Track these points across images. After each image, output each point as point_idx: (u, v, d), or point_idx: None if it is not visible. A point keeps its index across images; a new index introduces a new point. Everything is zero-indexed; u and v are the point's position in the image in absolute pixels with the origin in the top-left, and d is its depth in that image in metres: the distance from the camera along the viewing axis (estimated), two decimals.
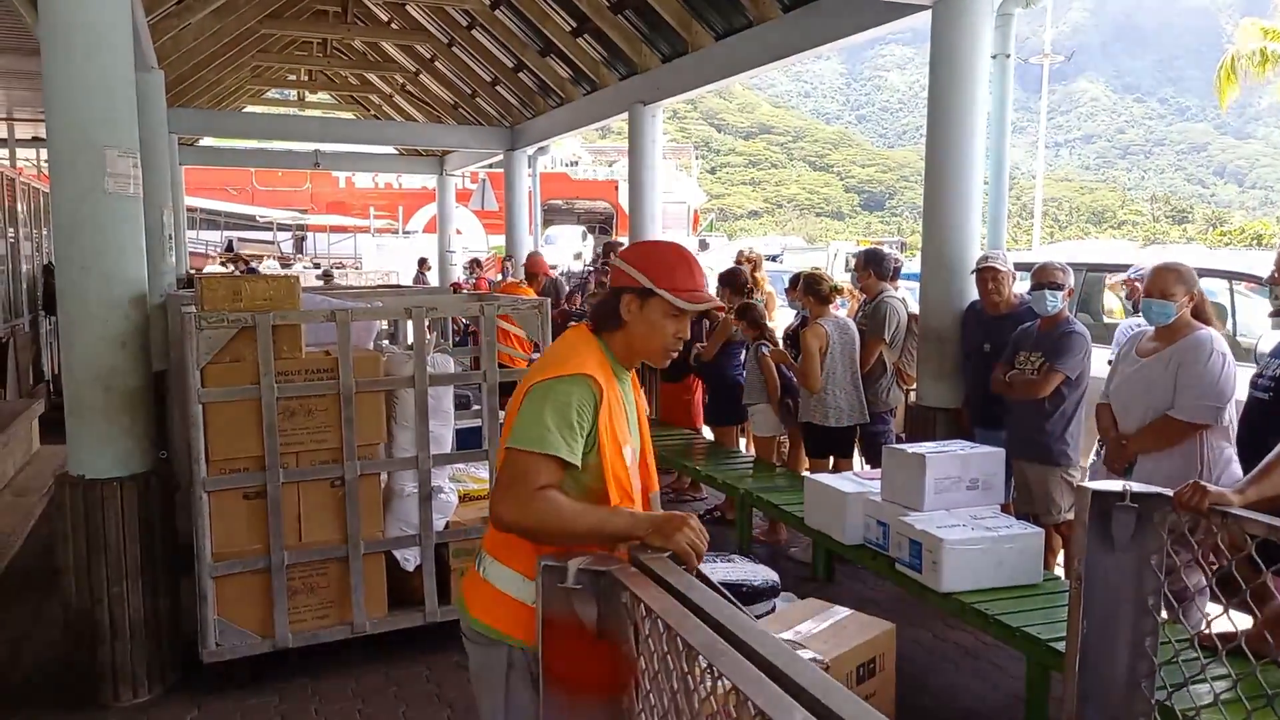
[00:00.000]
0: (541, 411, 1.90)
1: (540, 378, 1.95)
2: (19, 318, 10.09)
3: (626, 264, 2.05)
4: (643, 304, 2.01)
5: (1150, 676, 1.99)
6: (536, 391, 1.94)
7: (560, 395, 1.91)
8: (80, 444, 3.59)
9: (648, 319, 2.01)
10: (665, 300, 1.99)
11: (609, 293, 2.08)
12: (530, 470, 1.86)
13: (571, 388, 1.92)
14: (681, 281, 2.01)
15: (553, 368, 1.97)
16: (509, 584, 1.99)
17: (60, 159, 3.48)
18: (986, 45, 5.28)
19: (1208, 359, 3.44)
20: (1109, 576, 2.01)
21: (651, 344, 2.04)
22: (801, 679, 1.18)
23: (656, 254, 2.08)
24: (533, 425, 1.89)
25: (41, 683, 3.85)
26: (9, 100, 10.68)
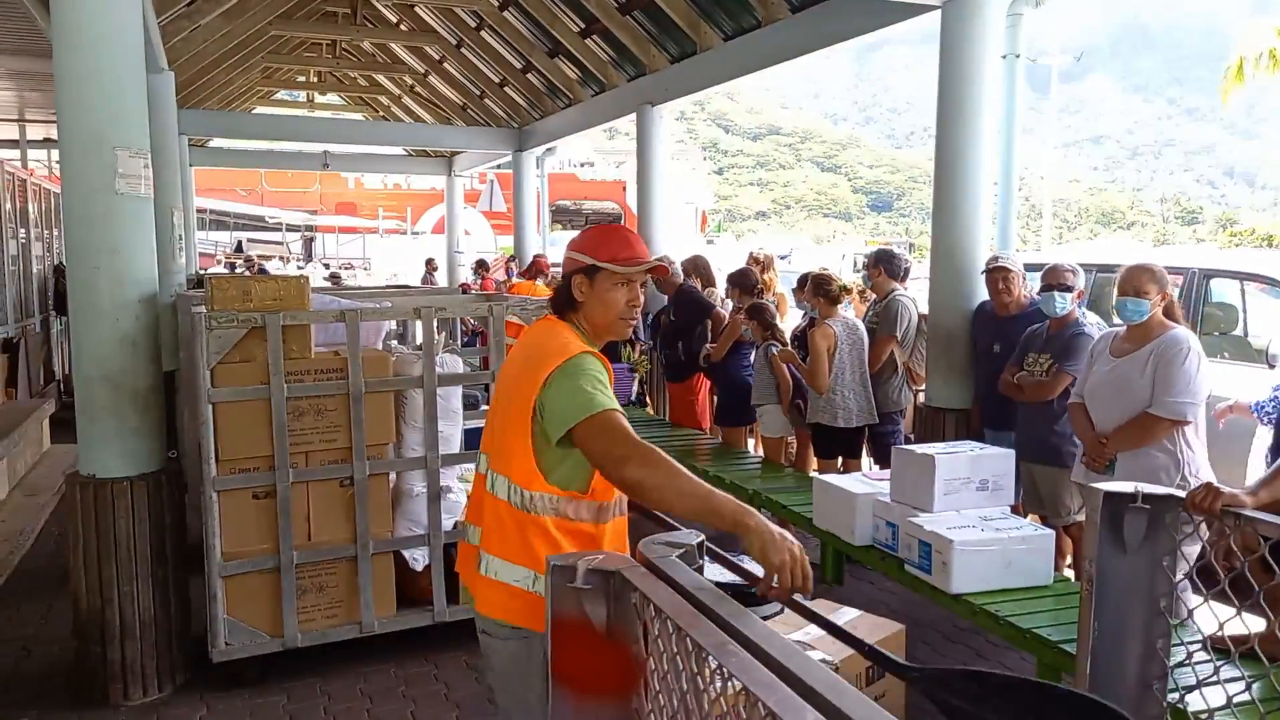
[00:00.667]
0: (578, 383, 1.96)
1: (554, 364, 2.00)
2: (30, 318, 10.14)
3: (570, 250, 2.21)
4: (591, 281, 2.14)
5: (1162, 679, 1.98)
6: (559, 374, 1.99)
7: (585, 366, 2.00)
8: (91, 443, 3.60)
9: (599, 294, 2.14)
10: (608, 271, 2.13)
11: (561, 280, 2.22)
12: (617, 424, 1.92)
13: (586, 360, 2.02)
14: (619, 251, 2.15)
15: (556, 355, 2.03)
16: (523, 580, 2.03)
17: (72, 159, 3.50)
18: (996, 45, 5.27)
19: (1185, 357, 3.48)
20: (1120, 578, 2.00)
21: (609, 316, 2.16)
22: (812, 680, 1.17)
23: (594, 234, 2.23)
24: (581, 394, 1.95)
25: (52, 681, 3.87)
26: (21, 101, 10.73)
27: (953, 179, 5.21)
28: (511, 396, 2.10)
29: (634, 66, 9.58)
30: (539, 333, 2.21)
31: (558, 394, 1.98)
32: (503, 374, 2.27)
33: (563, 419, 1.95)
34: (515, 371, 2.16)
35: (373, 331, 4.39)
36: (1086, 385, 3.84)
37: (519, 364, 2.16)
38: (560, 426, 1.96)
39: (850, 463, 5.58)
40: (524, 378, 2.06)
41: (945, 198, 5.26)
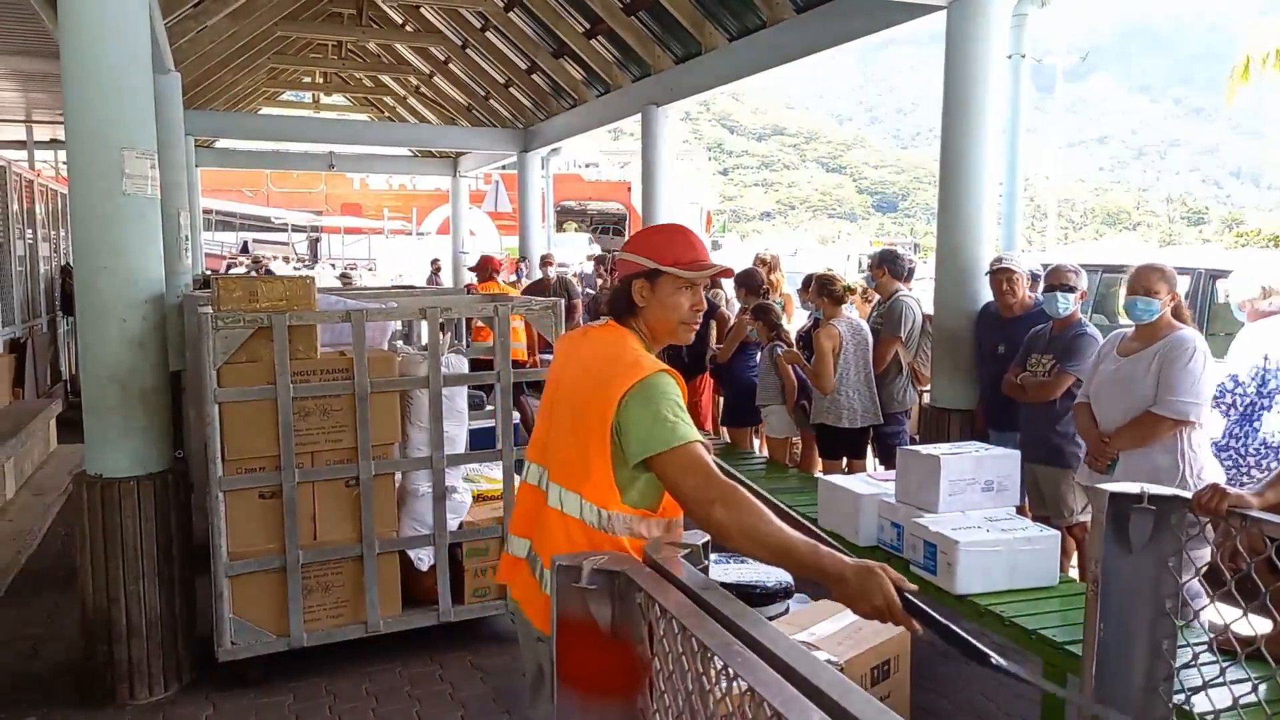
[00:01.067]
0: (659, 409, 1.90)
1: (629, 382, 1.93)
2: (37, 318, 10.17)
3: (628, 252, 2.12)
4: (652, 285, 2.08)
5: (1168, 680, 1.97)
6: (636, 396, 1.92)
7: (663, 389, 1.94)
8: (98, 443, 3.61)
9: (660, 299, 2.08)
10: (672, 275, 2.05)
11: (619, 283, 2.13)
12: (702, 460, 1.87)
13: (666, 384, 1.96)
14: (683, 254, 2.07)
15: (629, 371, 1.95)
16: None
17: (79, 160, 3.51)
18: (1001, 45, 5.26)
19: (1191, 357, 3.48)
20: (1125, 579, 1.99)
21: (671, 321, 2.09)
22: (818, 680, 1.17)
23: (655, 235, 2.16)
24: (662, 423, 1.89)
25: (59, 680, 3.88)
26: (28, 103, 10.77)
27: (958, 179, 5.20)
28: (581, 411, 2.00)
29: (639, 67, 9.59)
30: (601, 341, 2.11)
31: (637, 418, 1.91)
32: (560, 380, 2.15)
33: (644, 445, 1.89)
34: (578, 381, 2.06)
35: (378, 332, 4.40)
36: (1092, 384, 3.85)
37: (582, 374, 2.06)
38: (641, 452, 1.90)
39: (855, 463, 5.58)
40: (595, 393, 1.97)
41: (950, 198, 5.26)
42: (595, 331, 2.15)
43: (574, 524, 1.99)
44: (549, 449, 2.10)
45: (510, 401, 4.24)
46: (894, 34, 6.34)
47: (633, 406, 1.91)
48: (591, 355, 2.09)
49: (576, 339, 2.23)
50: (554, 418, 2.11)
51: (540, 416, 2.21)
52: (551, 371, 2.24)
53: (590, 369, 2.04)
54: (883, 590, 1.64)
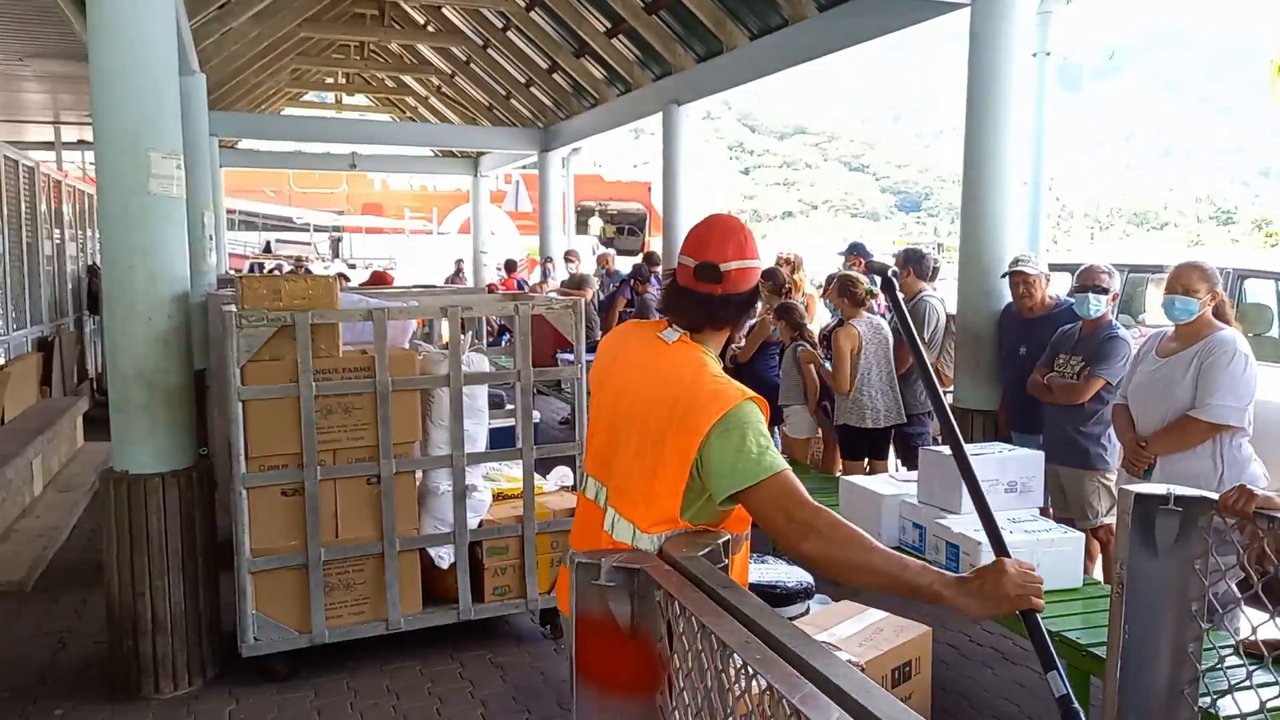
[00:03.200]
0: (745, 439, 1.80)
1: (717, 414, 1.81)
2: (64, 317, 10.30)
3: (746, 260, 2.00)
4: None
5: (1193, 683, 1.95)
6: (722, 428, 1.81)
7: (749, 420, 1.83)
8: (124, 440, 3.66)
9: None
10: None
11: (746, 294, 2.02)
12: (789, 491, 1.77)
13: (749, 410, 1.84)
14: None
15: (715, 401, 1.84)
16: None
17: (107, 160, 3.55)
18: (1025, 43, 5.22)
19: (1231, 358, 3.39)
20: (1151, 581, 1.97)
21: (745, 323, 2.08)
22: (837, 678, 1.17)
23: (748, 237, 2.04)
24: (743, 455, 1.79)
25: (86, 673, 3.93)
26: (56, 104, 10.90)
27: (981, 179, 5.16)
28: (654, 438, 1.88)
29: (660, 66, 9.59)
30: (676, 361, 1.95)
31: (723, 450, 1.80)
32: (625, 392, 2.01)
33: (730, 480, 1.79)
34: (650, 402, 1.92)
35: (399, 331, 4.42)
36: (1130, 386, 3.78)
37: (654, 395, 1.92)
38: (727, 488, 1.80)
39: (877, 463, 5.55)
40: (673, 423, 1.85)
41: (973, 198, 5.22)
42: (666, 348, 1.99)
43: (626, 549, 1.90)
44: (611, 467, 1.98)
45: (530, 401, 4.25)
46: (917, 32, 6.30)
47: (717, 440, 1.81)
48: (666, 375, 1.94)
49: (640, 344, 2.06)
50: (619, 435, 1.98)
51: (599, 427, 2.08)
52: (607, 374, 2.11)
53: (665, 394, 1.90)
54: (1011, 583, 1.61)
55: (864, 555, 1.71)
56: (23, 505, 6.16)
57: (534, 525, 4.15)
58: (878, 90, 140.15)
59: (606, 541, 1.95)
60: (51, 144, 12.96)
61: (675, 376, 1.92)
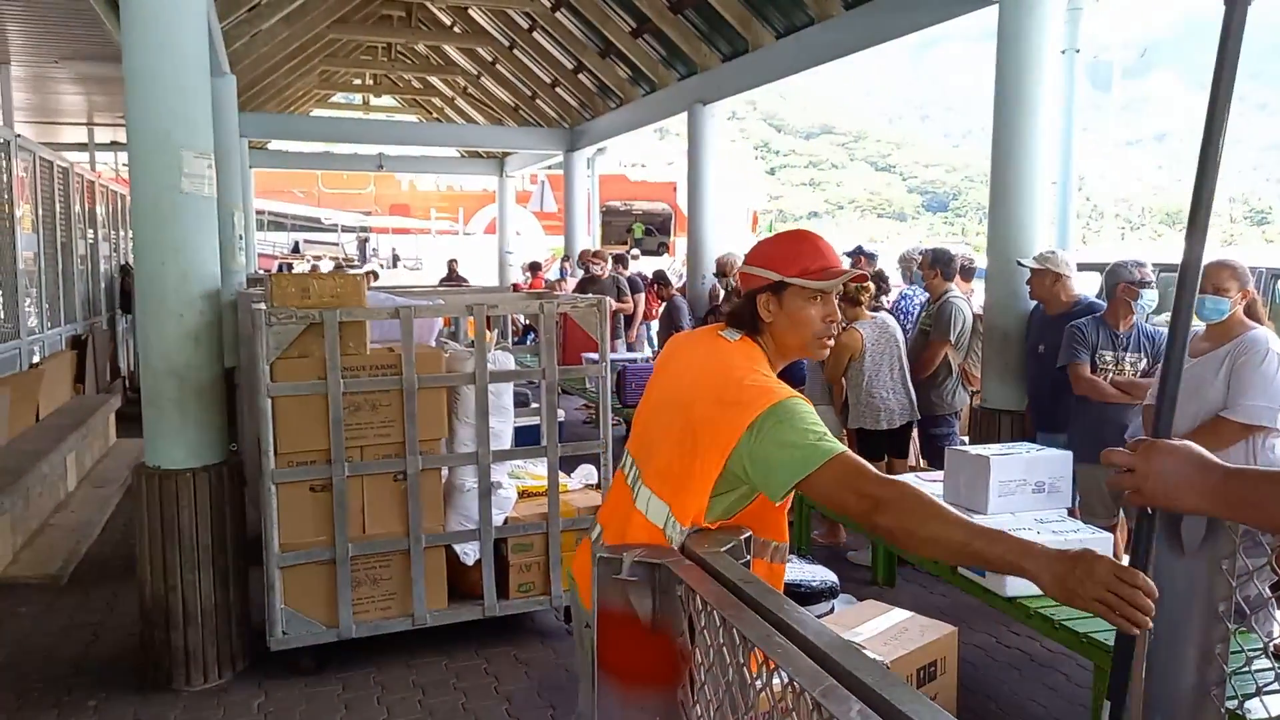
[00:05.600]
0: (797, 429, 1.78)
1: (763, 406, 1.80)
2: (97, 316, 10.46)
3: (751, 265, 2.00)
4: (779, 299, 1.96)
5: (1220, 685, 1.93)
6: (772, 420, 1.79)
7: (798, 410, 1.81)
8: (156, 436, 3.71)
9: (790, 314, 1.95)
10: (799, 287, 1.93)
11: (743, 298, 2.02)
12: (853, 468, 1.73)
13: (796, 404, 1.83)
14: (810, 262, 1.94)
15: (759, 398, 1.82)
16: None
17: (140, 160, 3.61)
18: (1055, 40, 5.17)
19: (1264, 358, 3.34)
20: (1178, 582, 1.95)
21: (804, 336, 1.97)
22: (859, 672, 1.17)
23: (778, 245, 2.03)
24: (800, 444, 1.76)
25: (119, 665, 3.99)
26: (89, 106, 11.09)
27: (1009, 178, 5.12)
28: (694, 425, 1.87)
29: (685, 65, 9.59)
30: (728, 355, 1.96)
31: (775, 445, 1.77)
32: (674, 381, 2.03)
33: (791, 470, 1.75)
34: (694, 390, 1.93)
35: (426, 328, 4.46)
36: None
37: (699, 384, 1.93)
38: (789, 479, 1.76)
39: (896, 461, 5.52)
40: (714, 412, 1.85)
41: (1002, 197, 5.18)
42: (725, 344, 1.99)
43: (658, 534, 1.90)
44: (650, 449, 1.98)
45: (555, 399, 4.27)
46: (944, 30, 6.26)
47: (769, 434, 1.78)
48: (716, 368, 1.94)
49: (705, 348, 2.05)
50: (662, 419, 1.98)
51: (647, 410, 2.09)
52: (668, 361, 2.13)
53: (712, 384, 1.90)
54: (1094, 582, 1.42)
55: (938, 526, 1.62)
56: (57, 500, 6.27)
57: (558, 523, 4.17)
58: (905, 89, 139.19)
59: (637, 519, 1.95)
60: (85, 145, 13.17)
61: (725, 369, 1.92)
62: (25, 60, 8.38)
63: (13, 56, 8.24)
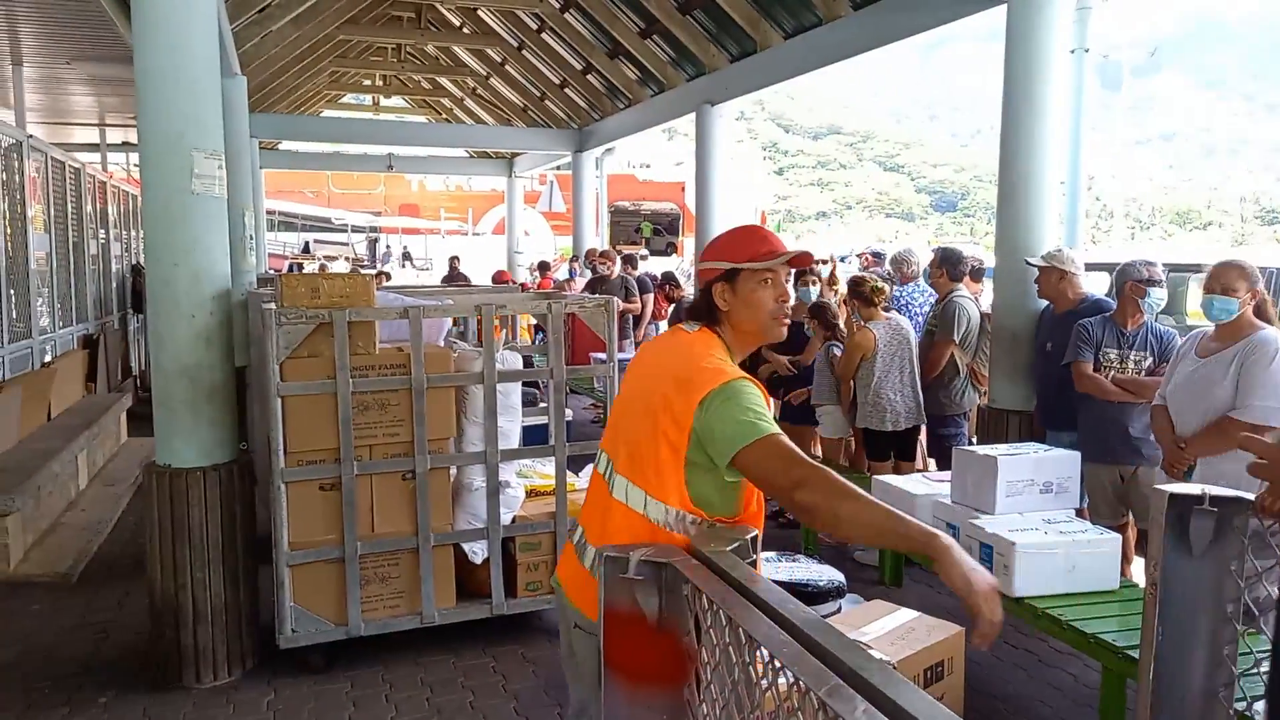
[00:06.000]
0: (737, 407, 1.88)
1: (711, 386, 1.91)
2: (109, 315, 10.52)
3: (704, 260, 2.12)
4: (732, 286, 2.06)
5: (1229, 686, 1.93)
6: (716, 399, 1.90)
7: (743, 391, 1.91)
8: (167, 435, 3.74)
9: (744, 298, 2.06)
10: (749, 271, 2.04)
11: (700, 292, 2.13)
12: (783, 448, 1.84)
13: (745, 385, 1.93)
14: (756, 247, 2.06)
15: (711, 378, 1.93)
16: None
17: (151, 160, 3.63)
18: (1063, 40, 5.15)
19: (1273, 359, 3.34)
20: (1186, 583, 1.95)
21: (758, 319, 2.07)
22: (865, 672, 1.17)
23: (726, 238, 2.14)
24: (740, 421, 1.87)
25: (128, 664, 4.01)
26: (101, 107, 11.15)
27: (1018, 178, 5.11)
28: (657, 409, 1.98)
29: (693, 66, 9.60)
30: (688, 345, 2.08)
31: (719, 419, 1.89)
32: (638, 376, 2.15)
33: (729, 443, 1.87)
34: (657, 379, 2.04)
35: (435, 328, 4.47)
36: (1169, 387, 3.72)
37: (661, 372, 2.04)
38: (727, 451, 1.87)
39: (903, 464, 5.52)
40: (674, 393, 1.96)
41: (1010, 197, 5.17)
42: (684, 334, 2.12)
43: (638, 519, 1.98)
44: (620, 439, 2.08)
45: (564, 398, 4.28)
46: (953, 30, 6.26)
47: (715, 410, 1.89)
48: (675, 356, 2.07)
49: (668, 341, 2.20)
50: (631, 409, 2.10)
51: (616, 407, 2.20)
52: (632, 365, 2.24)
53: (670, 369, 2.02)
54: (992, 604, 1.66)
55: (855, 506, 1.75)
56: (68, 499, 6.31)
57: (566, 522, 4.18)
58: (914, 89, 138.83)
59: (616, 509, 2.02)
60: (97, 146, 13.24)
61: (685, 355, 2.05)
62: (38, 61, 8.44)
63: (25, 58, 8.29)
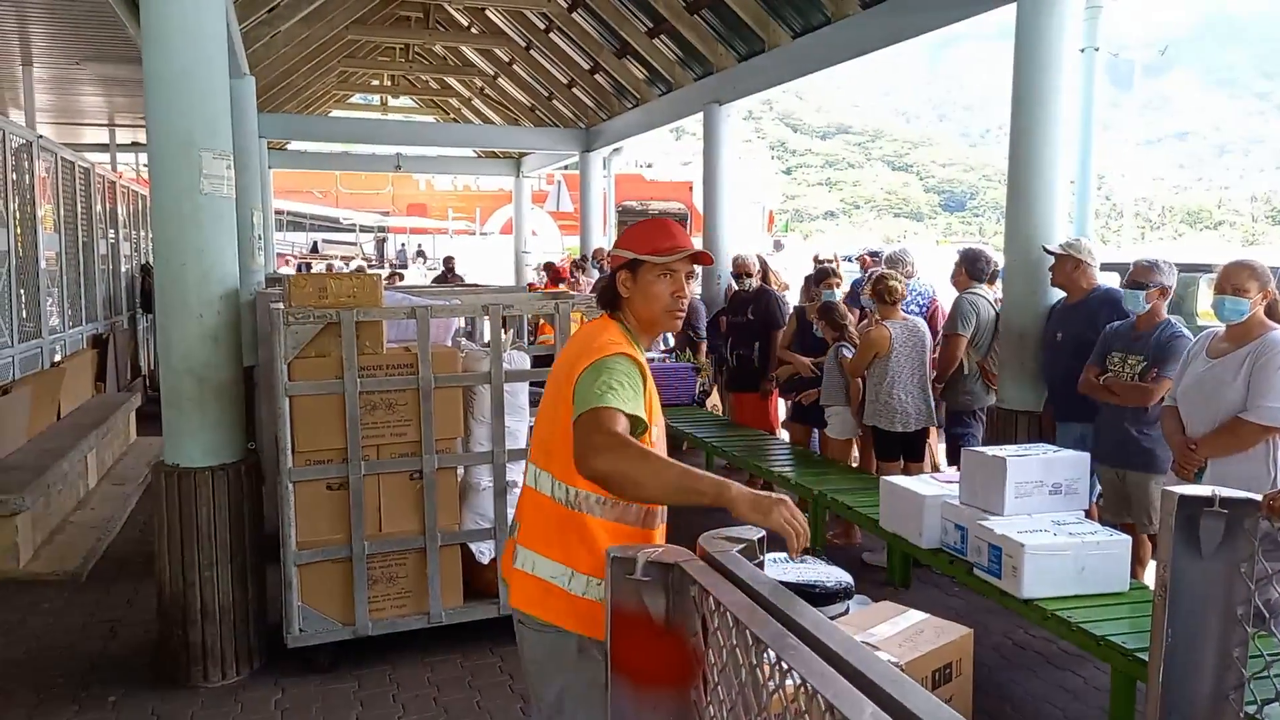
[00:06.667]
0: (597, 379, 1.94)
1: (587, 362, 1.99)
2: (118, 315, 10.56)
3: (615, 248, 2.22)
4: (634, 275, 2.15)
5: (1239, 689, 1.92)
6: (587, 371, 1.97)
7: (613, 366, 1.97)
8: (175, 434, 3.75)
9: (642, 288, 2.14)
10: (649, 263, 2.13)
11: (606, 277, 2.25)
12: (604, 418, 1.88)
13: (617, 362, 1.99)
14: (660, 241, 2.14)
15: (591, 353, 2.01)
16: (558, 577, 2.03)
17: (160, 162, 3.64)
18: (1073, 39, 5.13)
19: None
20: (1195, 585, 1.94)
21: (654, 309, 2.15)
22: (874, 675, 1.17)
23: (635, 229, 2.23)
24: (591, 390, 1.92)
25: (137, 661, 4.03)
26: (110, 107, 11.18)
27: (1027, 177, 5.09)
28: (554, 393, 2.10)
29: (701, 66, 9.58)
30: (586, 330, 2.21)
31: (579, 389, 1.97)
32: (553, 371, 2.26)
33: (576, 408, 1.94)
34: (558, 366, 2.17)
35: (442, 328, 4.48)
36: (1179, 387, 3.70)
37: (562, 359, 2.16)
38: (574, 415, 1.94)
39: (912, 465, 5.51)
40: (565, 375, 2.06)
41: (1019, 196, 5.15)
42: (586, 325, 2.25)
43: (546, 501, 2.06)
44: (538, 433, 2.19)
45: None
46: (962, 28, 6.23)
47: (581, 380, 1.97)
48: (575, 344, 2.17)
49: (577, 332, 2.31)
50: (543, 403, 2.20)
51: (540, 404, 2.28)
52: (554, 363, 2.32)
53: (569, 354, 2.12)
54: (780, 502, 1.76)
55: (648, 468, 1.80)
56: (78, 497, 6.34)
57: None
58: (923, 88, 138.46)
59: (527, 496, 2.13)
60: (106, 146, 13.28)
61: (582, 341, 2.15)
62: (48, 62, 8.47)
63: (35, 58, 8.32)
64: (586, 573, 2.00)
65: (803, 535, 1.77)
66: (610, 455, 1.82)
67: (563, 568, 2.02)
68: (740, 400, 7.03)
